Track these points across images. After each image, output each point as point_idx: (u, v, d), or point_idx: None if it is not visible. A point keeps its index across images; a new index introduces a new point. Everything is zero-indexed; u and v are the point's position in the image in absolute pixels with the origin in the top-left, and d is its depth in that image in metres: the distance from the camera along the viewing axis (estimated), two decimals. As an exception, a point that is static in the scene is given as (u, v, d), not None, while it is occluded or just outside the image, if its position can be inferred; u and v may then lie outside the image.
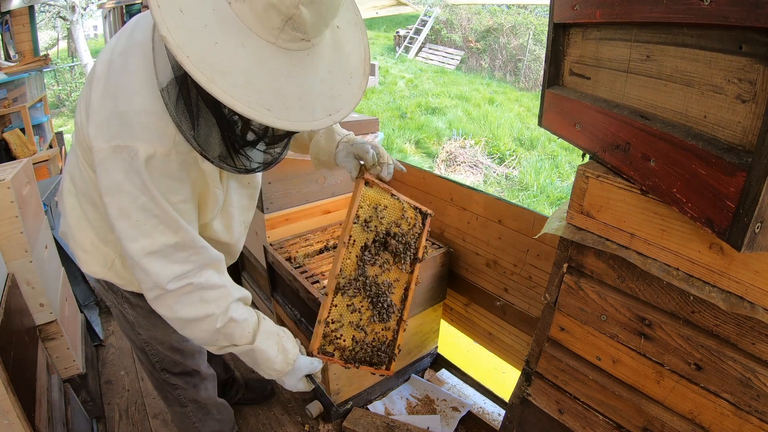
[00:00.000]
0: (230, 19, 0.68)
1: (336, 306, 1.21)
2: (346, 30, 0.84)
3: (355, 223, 1.21)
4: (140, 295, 1.14)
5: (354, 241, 1.22)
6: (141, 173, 0.81)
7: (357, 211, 1.21)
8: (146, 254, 0.87)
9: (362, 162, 1.20)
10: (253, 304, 2.70)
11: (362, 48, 0.87)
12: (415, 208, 1.33)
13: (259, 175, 1.19)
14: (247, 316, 1.01)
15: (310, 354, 1.17)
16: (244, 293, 1.04)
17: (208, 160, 0.86)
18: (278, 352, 1.05)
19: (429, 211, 1.35)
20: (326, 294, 1.20)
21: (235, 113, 0.74)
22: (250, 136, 0.92)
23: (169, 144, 0.82)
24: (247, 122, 0.89)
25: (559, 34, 1.09)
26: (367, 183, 1.22)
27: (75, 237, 1.08)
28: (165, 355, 1.26)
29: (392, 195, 1.27)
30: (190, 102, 0.79)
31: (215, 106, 0.82)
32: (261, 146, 0.95)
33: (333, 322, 1.21)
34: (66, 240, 1.13)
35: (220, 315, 0.95)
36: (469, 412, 1.86)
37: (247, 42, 0.70)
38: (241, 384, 1.87)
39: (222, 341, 0.99)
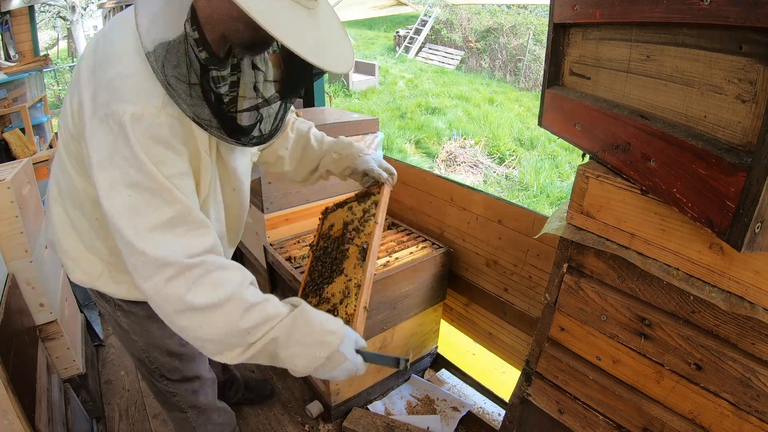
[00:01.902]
0: None
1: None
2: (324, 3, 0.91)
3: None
4: (133, 302, 1.11)
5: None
6: (130, 140, 0.77)
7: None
8: (140, 232, 0.79)
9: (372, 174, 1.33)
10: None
11: (337, 18, 0.95)
12: (366, 194, 1.40)
13: (247, 181, 1.16)
14: (267, 295, 0.88)
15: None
16: (253, 277, 0.92)
17: (198, 124, 0.83)
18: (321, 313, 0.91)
19: (384, 181, 1.38)
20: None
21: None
22: (242, 101, 0.95)
23: (158, 104, 0.79)
24: (236, 83, 0.94)
25: (559, 34, 1.09)
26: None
27: (61, 245, 1.05)
28: (164, 361, 1.22)
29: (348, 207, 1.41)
30: (180, 64, 0.79)
31: (204, 67, 0.83)
32: (250, 115, 0.96)
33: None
34: (53, 248, 1.10)
35: (242, 294, 0.83)
36: (469, 412, 1.86)
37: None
38: (240, 384, 1.87)
39: (253, 332, 0.83)
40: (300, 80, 1.00)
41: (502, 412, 1.88)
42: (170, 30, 0.79)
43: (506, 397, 1.76)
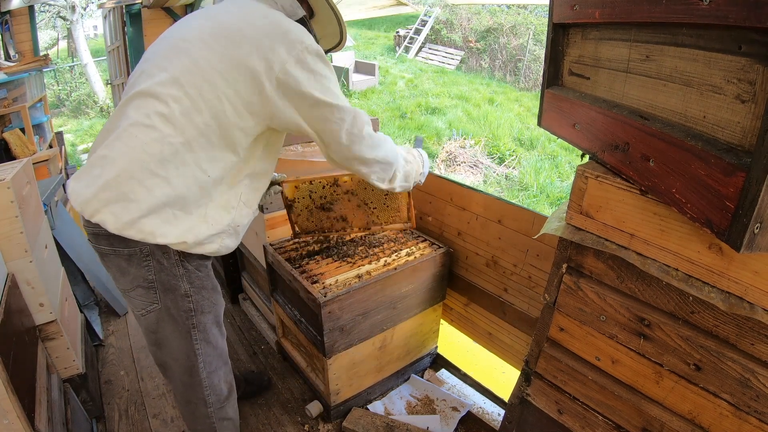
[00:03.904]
0: None
1: None
2: None
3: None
4: (204, 262, 1.22)
5: None
6: (327, 62, 1.15)
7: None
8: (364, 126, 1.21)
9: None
10: (253, 304, 2.66)
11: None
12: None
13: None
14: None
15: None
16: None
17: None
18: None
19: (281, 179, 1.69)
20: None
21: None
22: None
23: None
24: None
25: (559, 34, 1.09)
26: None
27: (159, 214, 1.07)
28: (214, 331, 1.30)
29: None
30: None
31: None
32: None
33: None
34: (125, 230, 1.07)
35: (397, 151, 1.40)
36: (469, 412, 1.86)
37: None
38: (240, 380, 1.88)
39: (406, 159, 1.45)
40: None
41: (502, 412, 1.88)
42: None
43: (506, 397, 1.76)
